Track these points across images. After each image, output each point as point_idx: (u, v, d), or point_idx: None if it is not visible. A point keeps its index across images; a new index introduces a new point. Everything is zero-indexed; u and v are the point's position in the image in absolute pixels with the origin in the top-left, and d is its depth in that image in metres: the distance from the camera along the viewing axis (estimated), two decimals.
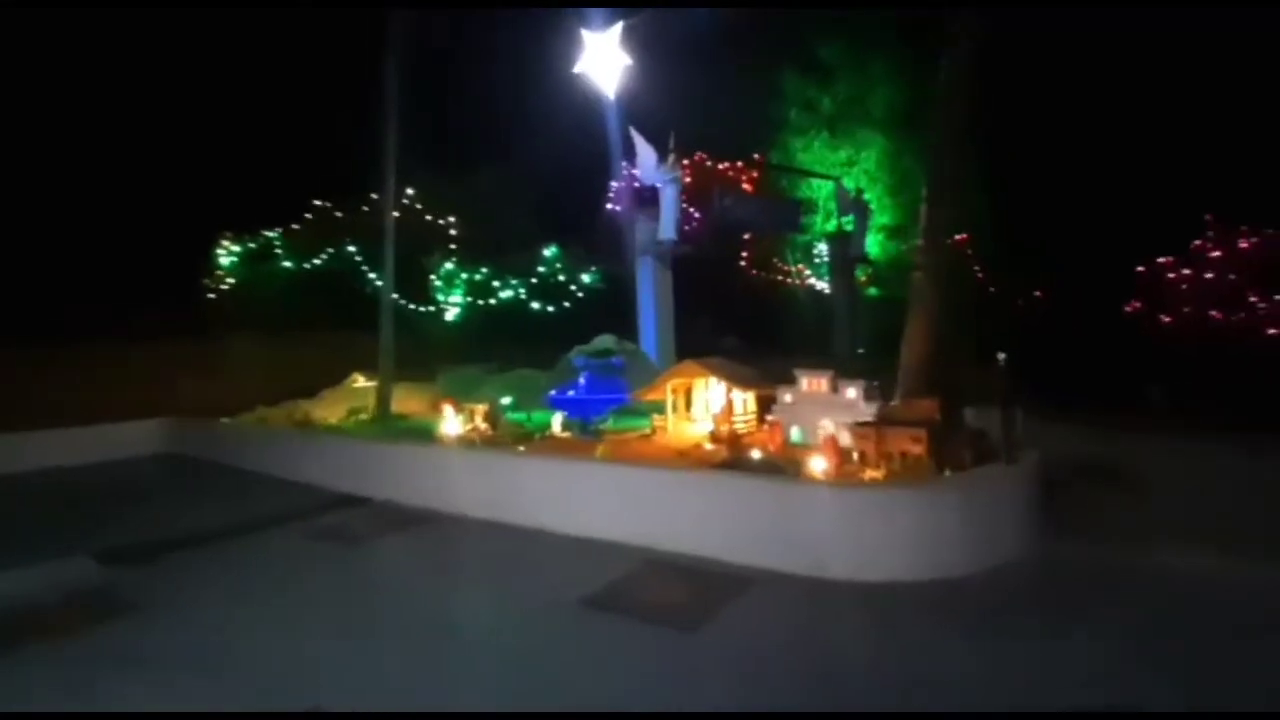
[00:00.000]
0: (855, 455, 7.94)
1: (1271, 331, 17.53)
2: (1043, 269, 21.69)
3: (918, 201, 24.46)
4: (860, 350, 22.92)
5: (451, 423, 13.70)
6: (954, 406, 7.76)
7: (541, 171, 18.08)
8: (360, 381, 15.19)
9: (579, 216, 19.02)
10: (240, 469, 12.81)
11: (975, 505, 6.32)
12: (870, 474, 7.40)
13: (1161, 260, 19.47)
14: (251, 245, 18.35)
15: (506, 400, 14.70)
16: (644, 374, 16.98)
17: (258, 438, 13.26)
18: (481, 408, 13.92)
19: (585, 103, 17.23)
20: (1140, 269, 20.16)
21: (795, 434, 10.07)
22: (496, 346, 18.41)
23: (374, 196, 17.63)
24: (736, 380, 11.12)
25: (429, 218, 18.64)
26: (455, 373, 17.84)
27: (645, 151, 15.96)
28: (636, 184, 18.00)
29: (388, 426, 14.26)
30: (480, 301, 18.81)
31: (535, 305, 18.89)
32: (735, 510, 6.85)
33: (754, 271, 23.67)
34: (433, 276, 18.55)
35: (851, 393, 9.54)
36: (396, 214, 14.97)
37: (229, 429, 14.34)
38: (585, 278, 19.03)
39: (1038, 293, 22.46)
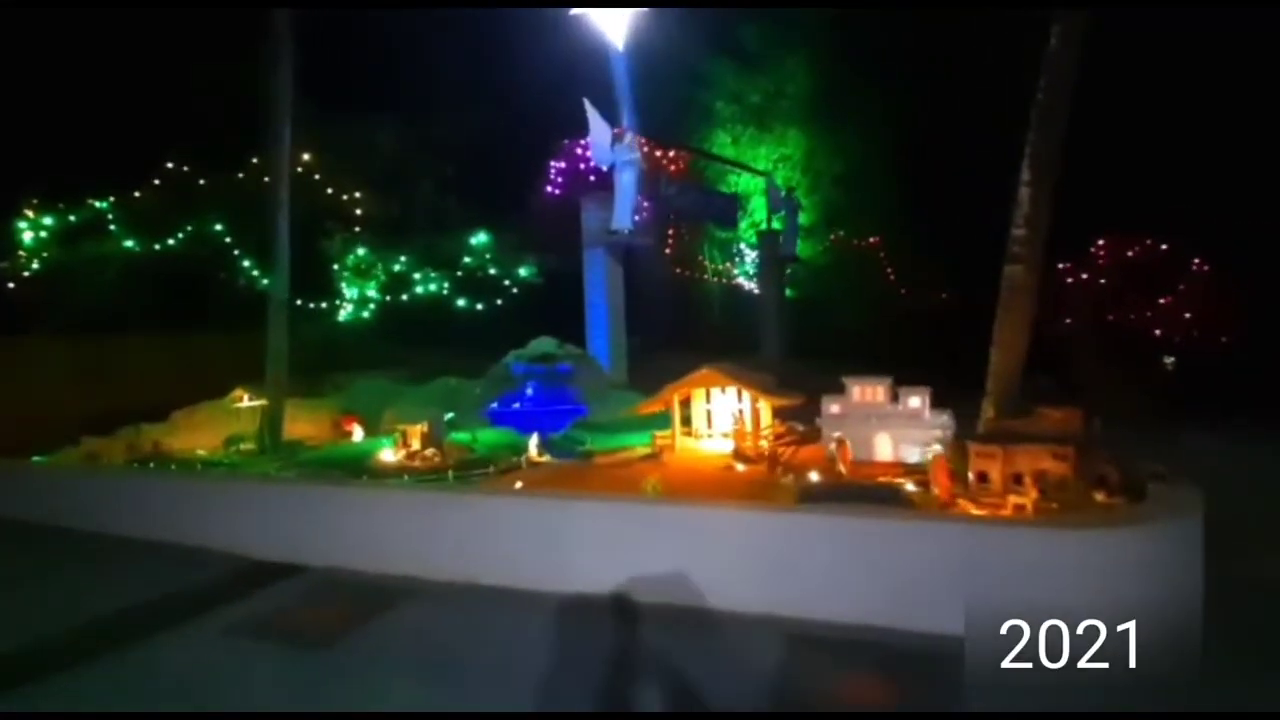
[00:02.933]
0: (973, 477, 6.73)
1: (1158, 332, 19.43)
2: (947, 270, 22.61)
3: (833, 201, 24.75)
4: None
5: (386, 450, 10.87)
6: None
7: (472, 142, 15.20)
8: (245, 400, 11.71)
9: (515, 199, 16.41)
10: (73, 530, 9.05)
11: (1189, 537, 5.28)
12: (1013, 501, 6.19)
13: (1061, 266, 21.02)
14: (71, 218, 13.48)
15: (449, 417, 12.04)
16: (594, 382, 14.96)
17: (99, 483, 9.52)
18: (418, 428, 11.21)
19: (537, 56, 14.82)
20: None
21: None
22: (407, 351, 15.34)
23: (255, 161, 13.87)
24: (761, 389, 9.60)
25: (330, 191, 14.96)
26: (360, 384, 14.64)
27: (599, 128, 13.96)
28: (585, 164, 15.94)
29: (287, 458, 11.03)
30: (389, 297, 15.54)
31: (461, 302, 15.91)
32: (894, 560, 5.28)
33: (677, 269, 22.40)
34: (336, 265, 14.91)
35: (915, 401, 8.42)
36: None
37: (48, 471, 10.28)
38: (522, 271, 16.42)
39: (943, 294, 23.41)
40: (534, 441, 10.19)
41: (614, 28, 9.69)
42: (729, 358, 20.06)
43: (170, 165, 13.85)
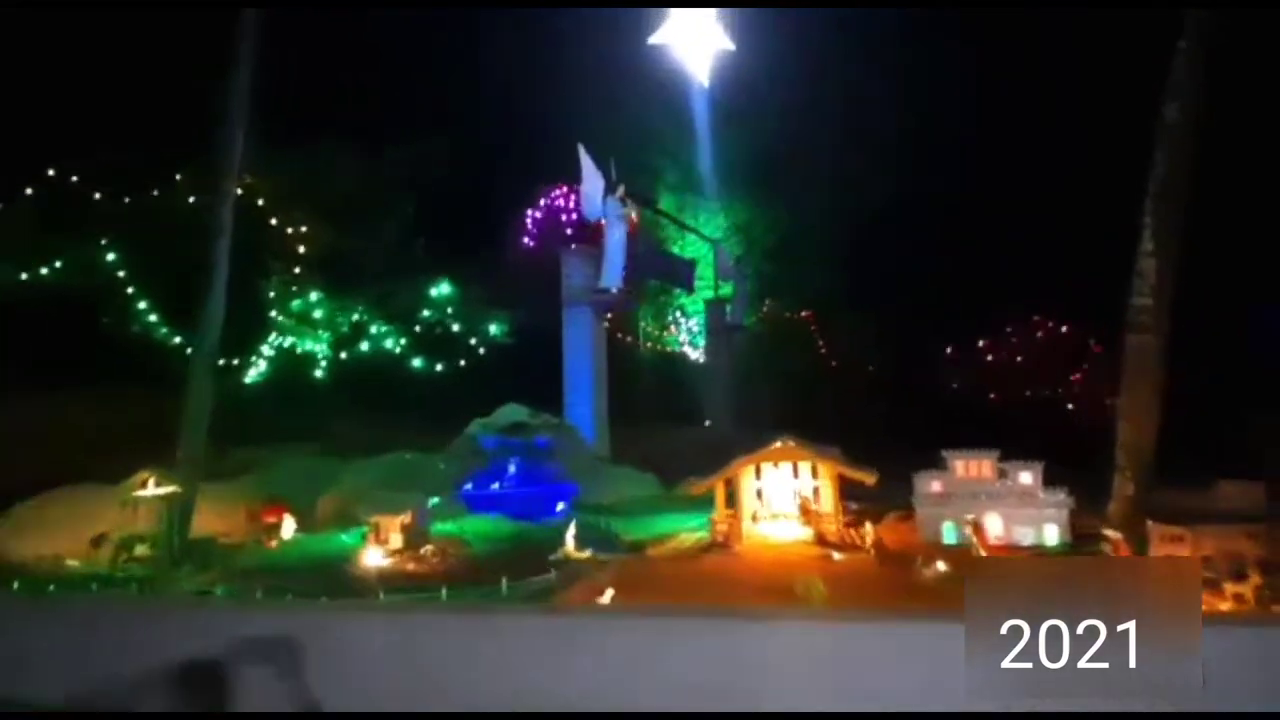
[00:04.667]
0: None
1: (1070, 407, 21.16)
2: (876, 344, 23.43)
3: (765, 272, 25.11)
4: (708, 422, 21.93)
5: (370, 551, 8.43)
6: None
7: (439, 178, 13.07)
8: (150, 487, 8.69)
9: (485, 246, 14.38)
10: None
11: None
12: (1231, 590, 5.54)
13: (981, 344, 22.56)
14: None
15: (433, 503, 9.71)
16: (577, 456, 13.15)
17: None
18: (397, 519, 8.90)
19: (525, 87, 13.32)
20: (950, 350, 23.04)
21: (949, 532, 7.89)
22: (327, 419, 12.41)
23: (178, 177, 10.93)
24: (839, 464, 8.54)
25: (274, 221, 11.90)
26: (287, 463, 11.72)
27: (592, 178, 12.73)
28: (566, 215, 14.48)
29: (219, 566, 8.18)
30: (335, 352, 12.51)
31: (417, 362, 13.24)
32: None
33: (619, 335, 21.24)
34: (274, 312, 11.70)
35: (1026, 478, 7.80)
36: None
37: None
38: (492, 328, 14.17)
39: (870, 367, 24.16)
40: (570, 534, 8.28)
41: (698, 62, 8.75)
42: (666, 428, 19.03)
43: (52, 173, 10.35)
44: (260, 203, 11.02)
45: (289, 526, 10.05)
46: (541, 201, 15.18)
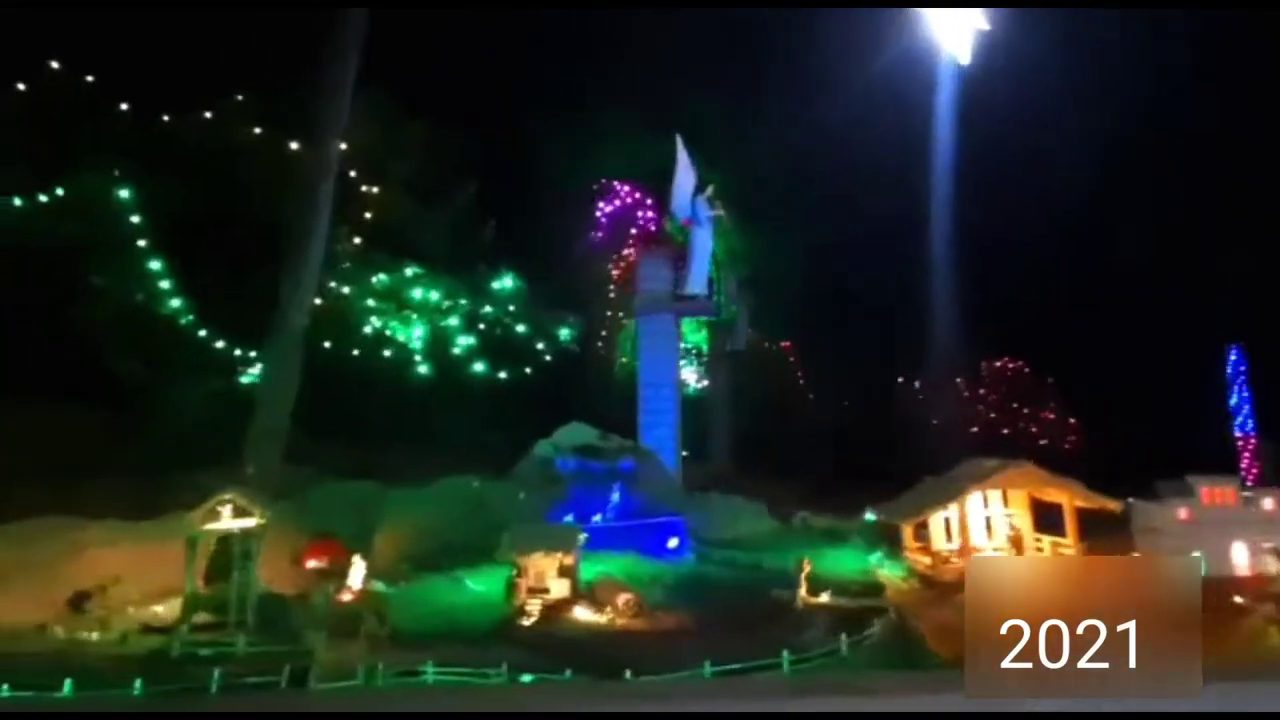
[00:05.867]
0: None
1: (1044, 443, 22.43)
2: (850, 379, 23.61)
3: (757, 300, 24.59)
4: (684, 453, 21.06)
5: (580, 607, 6.43)
6: None
7: (512, 158, 10.70)
8: (226, 517, 6.07)
9: (553, 240, 12.12)
10: None
11: None
12: None
13: (959, 381, 23.43)
14: None
15: (582, 539, 7.67)
16: (662, 484, 11.46)
17: None
18: (555, 558, 7.05)
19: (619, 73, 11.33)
20: (920, 385, 23.79)
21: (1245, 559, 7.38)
22: (328, 436, 9.50)
23: (239, 99, 7.94)
24: (1081, 492, 7.78)
25: (353, 174, 8.81)
26: (330, 489, 9.03)
27: (686, 174, 11.30)
28: (641, 212, 12.65)
29: (348, 628, 5.77)
30: (411, 341, 9.58)
31: (479, 366, 10.55)
32: None
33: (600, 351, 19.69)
34: (345, 288, 8.55)
35: (1269, 503, 7.48)
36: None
37: None
38: (564, 332, 11.76)
39: (846, 402, 24.28)
40: (804, 576, 6.73)
41: (957, 37, 7.81)
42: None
43: (55, 66, 6.86)
44: (344, 146, 8.23)
45: (358, 572, 7.60)
46: (611, 195, 13.51)
